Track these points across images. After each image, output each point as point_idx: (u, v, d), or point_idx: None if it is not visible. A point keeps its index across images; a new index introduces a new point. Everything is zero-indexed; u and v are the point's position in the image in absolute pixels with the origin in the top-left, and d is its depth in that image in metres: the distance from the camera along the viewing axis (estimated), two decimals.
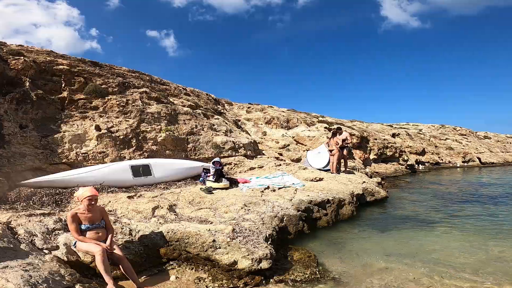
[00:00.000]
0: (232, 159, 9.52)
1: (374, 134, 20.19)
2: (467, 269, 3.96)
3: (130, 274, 3.33)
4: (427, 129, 34.81)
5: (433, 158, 25.68)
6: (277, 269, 3.89)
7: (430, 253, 4.54)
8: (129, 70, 11.29)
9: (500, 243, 4.93)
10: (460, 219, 6.75)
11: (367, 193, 8.59)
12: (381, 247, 4.93)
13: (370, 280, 3.75)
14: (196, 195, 5.93)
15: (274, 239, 4.48)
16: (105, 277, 3.14)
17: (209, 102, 14.10)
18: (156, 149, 8.30)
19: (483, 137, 39.61)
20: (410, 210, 7.91)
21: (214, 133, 10.01)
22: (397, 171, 18.86)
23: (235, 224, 4.53)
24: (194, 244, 3.86)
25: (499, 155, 33.07)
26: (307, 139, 15.54)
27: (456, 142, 31.00)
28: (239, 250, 3.74)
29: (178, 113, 9.84)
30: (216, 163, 7.16)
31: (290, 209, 5.64)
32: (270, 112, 17.70)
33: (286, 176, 8.29)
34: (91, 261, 3.45)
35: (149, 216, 4.70)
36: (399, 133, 25.77)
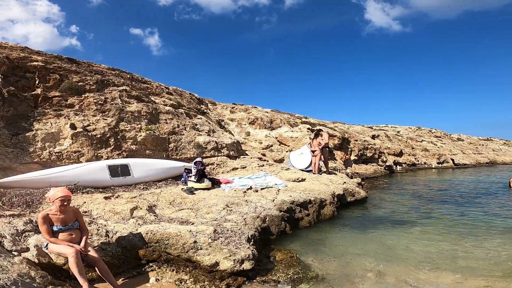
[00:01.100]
0: (215, 159, 9.42)
1: (355, 136, 20.66)
2: (441, 266, 4.10)
3: (107, 276, 3.25)
4: (404, 131, 36.06)
5: (410, 159, 26.63)
6: (260, 270, 3.87)
7: (408, 252, 4.66)
8: (108, 68, 10.93)
9: (471, 242, 5.13)
10: (435, 219, 6.99)
11: (348, 194, 8.75)
12: (362, 247, 5.02)
13: (351, 279, 3.80)
14: (177, 196, 5.80)
15: (257, 239, 4.45)
16: (80, 279, 3.05)
17: (192, 102, 13.90)
18: (136, 149, 8.07)
19: (457, 139, 41.55)
20: (388, 210, 8.12)
21: (196, 133, 9.87)
22: (377, 172, 19.39)
23: (217, 225, 4.46)
24: (175, 245, 3.79)
25: (471, 156, 34.77)
26: (290, 139, 15.65)
27: (431, 144, 32.32)
28: (221, 251, 3.68)
29: (160, 112, 9.62)
30: (198, 163, 7.05)
31: (272, 209, 5.63)
32: (254, 112, 17.69)
33: (269, 176, 8.30)
34: (64, 263, 3.34)
35: (127, 217, 4.55)
36: (379, 135, 26.52)
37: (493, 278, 3.65)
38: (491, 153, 39.54)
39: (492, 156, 38.43)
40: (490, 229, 5.91)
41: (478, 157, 35.78)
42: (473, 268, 3.97)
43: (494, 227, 6.11)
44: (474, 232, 5.68)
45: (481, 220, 6.79)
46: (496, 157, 38.75)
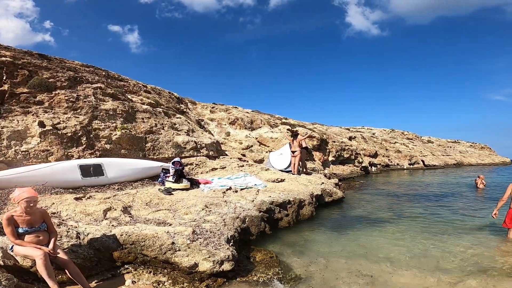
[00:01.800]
0: (194, 159, 9.25)
1: (333, 137, 21.14)
2: (412, 264, 4.23)
3: (78, 279, 3.13)
4: (379, 133, 37.40)
5: (384, 161, 27.64)
6: (240, 271, 3.84)
7: (383, 252, 4.79)
8: (82, 65, 10.47)
9: (441, 241, 5.35)
10: (408, 218, 7.27)
11: (326, 194, 8.91)
12: (340, 246, 5.12)
13: (331, 279, 3.85)
14: (154, 196, 5.63)
15: (236, 240, 4.41)
16: (49, 282, 2.92)
17: (171, 101, 13.60)
18: (110, 148, 7.75)
19: (427, 141, 43.69)
20: (364, 210, 8.36)
21: (175, 133, 9.65)
22: (353, 173, 19.94)
23: (195, 225, 4.36)
24: (152, 247, 3.67)
25: (440, 158, 36.69)
26: (270, 140, 15.72)
27: (403, 146, 33.75)
28: (200, 252, 3.61)
29: (137, 111, 9.32)
30: (176, 163, 6.89)
31: (252, 210, 5.61)
32: (234, 112, 17.61)
33: (249, 177, 8.27)
34: (31, 266, 3.19)
35: (100, 218, 4.35)
36: (355, 136, 27.32)
37: (460, 277, 3.79)
38: (458, 155, 41.96)
39: (459, 158, 40.79)
40: (458, 228, 6.21)
41: (446, 158, 37.82)
42: (443, 268, 4.11)
43: (461, 226, 6.43)
44: (444, 231, 5.93)
45: (450, 219, 7.13)
46: (463, 159, 41.17)
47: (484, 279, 3.70)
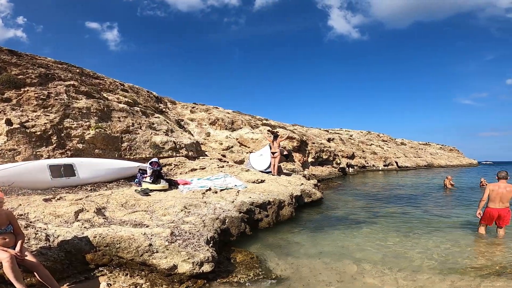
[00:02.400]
0: (173, 159, 9.05)
1: (313, 138, 21.48)
2: (388, 264, 4.32)
3: (48, 281, 3.01)
4: (356, 135, 38.53)
5: (360, 162, 28.47)
6: (220, 272, 3.80)
7: (361, 251, 4.89)
8: (55, 61, 9.96)
9: (413, 240, 5.52)
10: (383, 218, 7.48)
11: (305, 195, 9.01)
12: (319, 246, 5.18)
13: (310, 278, 3.87)
14: (130, 197, 5.43)
15: (216, 241, 4.35)
16: (17, 285, 2.81)
17: (149, 100, 13.24)
18: (83, 148, 7.41)
19: (400, 143, 45.56)
20: (342, 211, 8.53)
21: (153, 132, 9.40)
22: (331, 174, 20.36)
23: (174, 227, 4.25)
24: (128, 249, 3.54)
25: (412, 160, 38.35)
26: (250, 141, 15.70)
27: (379, 148, 34.96)
28: (178, 254, 3.52)
29: (112, 110, 8.98)
30: (154, 164, 6.70)
31: (232, 211, 5.55)
32: (215, 113, 17.44)
33: (229, 177, 8.19)
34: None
35: (71, 220, 4.13)
36: (334, 138, 27.95)
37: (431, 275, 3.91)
38: (429, 157, 44.07)
39: (430, 160, 42.85)
40: (429, 227, 6.44)
41: (418, 160, 39.60)
42: (417, 267, 4.22)
43: (432, 225, 6.68)
44: (417, 231, 6.14)
45: (421, 219, 7.41)
46: (433, 160, 43.29)
47: (457, 278, 3.81)
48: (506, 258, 4.47)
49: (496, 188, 5.38)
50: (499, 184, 5.41)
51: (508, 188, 5.32)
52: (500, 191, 5.34)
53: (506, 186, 5.36)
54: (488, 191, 5.44)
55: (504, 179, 5.41)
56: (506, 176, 5.42)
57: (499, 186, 5.39)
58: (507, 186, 5.36)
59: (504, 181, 5.41)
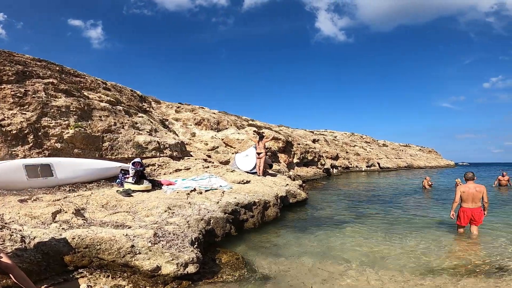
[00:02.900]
0: (156, 160, 8.87)
1: (298, 139, 21.67)
2: (370, 263, 4.40)
3: (25, 283, 2.89)
4: (341, 136, 39.19)
5: (344, 163, 28.98)
6: (206, 273, 3.76)
7: (345, 251, 4.95)
8: (33, 59, 9.57)
9: (395, 240, 5.63)
10: (366, 218, 7.63)
11: (290, 195, 9.06)
12: (304, 246, 5.21)
13: (295, 277, 3.88)
14: (112, 198, 5.27)
15: (201, 242, 4.29)
16: None
17: (133, 99, 12.94)
18: (61, 147, 7.14)
19: (382, 144, 46.74)
20: (326, 211, 8.64)
21: (136, 132, 9.18)
22: (316, 174, 20.61)
23: (157, 228, 4.16)
24: (109, 250, 3.45)
25: (393, 161, 39.41)
26: (236, 141, 15.65)
27: (362, 149, 35.71)
28: (162, 255, 3.45)
29: (93, 109, 8.70)
30: (137, 164, 6.53)
31: (217, 211, 5.50)
32: (200, 113, 17.27)
33: (214, 178, 8.12)
34: None
35: (48, 221, 3.97)
36: (319, 139, 28.30)
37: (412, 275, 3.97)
38: (409, 158, 45.43)
39: (410, 161, 44.17)
40: (409, 227, 6.60)
41: (398, 161, 40.74)
42: (398, 266, 4.29)
43: (412, 225, 6.85)
44: (397, 231, 6.27)
45: (402, 218, 7.59)
46: (413, 162, 44.65)
47: (437, 277, 3.89)
48: (481, 257, 4.61)
49: (467, 189, 5.60)
50: (468, 185, 5.65)
51: (477, 188, 5.57)
52: (471, 192, 5.57)
53: (475, 186, 5.61)
54: (460, 193, 5.66)
55: (472, 180, 5.66)
56: (473, 177, 5.68)
57: (469, 187, 5.62)
58: (476, 186, 5.61)
59: (472, 182, 5.66)
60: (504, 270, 4.02)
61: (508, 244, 5.22)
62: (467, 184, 5.71)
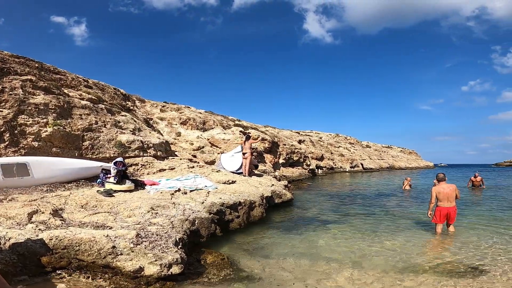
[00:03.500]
0: (140, 159, 8.67)
1: (284, 140, 21.78)
2: (354, 263, 4.43)
3: (0, 284, 2.71)
4: (326, 137, 39.72)
5: (329, 164, 29.39)
6: (190, 274, 3.70)
7: (329, 251, 4.99)
8: (11, 55, 9.13)
9: (377, 239, 5.72)
10: (349, 218, 7.73)
11: (276, 196, 9.08)
12: (289, 247, 5.21)
13: (281, 277, 3.88)
14: (92, 198, 5.09)
15: (185, 243, 4.22)
16: None
17: (116, 97, 12.59)
18: (39, 146, 6.85)
19: (366, 146, 47.76)
20: (311, 211, 8.70)
21: (119, 131, 8.94)
22: (301, 175, 20.79)
23: (140, 228, 4.05)
24: (88, 251, 3.34)
25: (376, 162, 40.36)
26: (222, 141, 15.55)
27: (346, 150, 36.34)
28: (145, 256, 3.36)
29: (74, 107, 8.40)
30: (119, 163, 6.35)
31: (202, 212, 5.43)
32: (186, 112, 17.04)
33: (199, 178, 8.02)
34: None
35: (24, 222, 3.80)
36: (304, 140, 28.56)
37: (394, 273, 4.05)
38: (390, 159, 46.67)
39: (392, 162, 45.39)
40: (391, 227, 6.72)
41: (381, 162, 41.77)
42: (382, 265, 4.35)
43: (394, 224, 6.98)
44: (380, 230, 6.37)
45: (384, 218, 7.74)
46: (394, 163, 45.90)
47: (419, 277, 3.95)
48: (457, 256, 4.74)
49: (441, 190, 5.89)
50: (442, 186, 5.95)
51: (450, 187, 5.89)
52: (445, 192, 5.87)
53: (448, 186, 5.93)
54: (435, 194, 5.95)
55: (443, 181, 5.99)
56: (444, 177, 6.03)
57: (443, 187, 5.92)
58: (449, 186, 5.93)
59: (444, 182, 5.97)
60: (478, 269, 4.14)
61: (481, 242, 5.43)
62: (440, 184, 6.01)
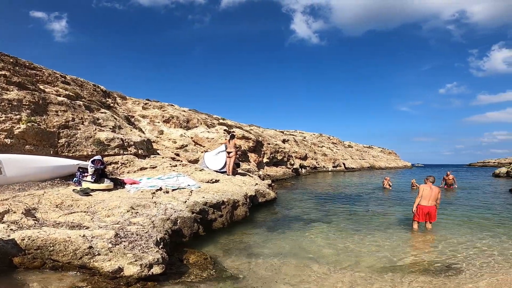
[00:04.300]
0: (120, 157, 8.40)
1: (268, 139, 21.83)
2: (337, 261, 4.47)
3: None
4: (309, 136, 40.19)
5: (312, 163, 29.76)
6: (172, 274, 3.61)
7: (312, 250, 5.02)
8: None
9: (359, 238, 5.80)
10: (332, 217, 7.83)
11: (259, 195, 9.06)
12: (273, 246, 5.20)
13: (265, 276, 3.85)
14: (67, 197, 4.87)
15: (167, 242, 4.11)
16: None
17: (95, 94, 12.17)
18: (11, 143, 6.49)
19: (348, 145, 48.75)
20: (295, 210, 8.75)
21: (98, 128, 8.63)
22: (285, 174, 20.91)
23: (119, 228, 3.91)
24: (63, 252, 3.21)
25: (357, 161, 41.27)
26: (206, 140, 15.37)
27: (329, 150, 36.92)
28: (124, 256, 3.25)
29: (50, 103, 8.03)
30: (97, 162, 6.12)
31: (184, 211, 5.33)
32: (169, 110, 16.71)
33: (181, 177, 7.87)
34: None
35: None
36: (288, 139, 28.75)
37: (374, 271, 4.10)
38: (371, 159, 47.87)
39: (372, 162, 46.57)
40: (372, 225, 6.86)
41: (362, 162, 42.75)
42: (364, 263, 4.41)
43: (375, 223, 7.13)
44: (361, 229, 6.50)
45: (365, 217, 7.89)
46: (375, 163, 47.11)
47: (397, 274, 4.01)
48: (434, 255, 4.89)
49: (428, 189, 6.31)
50: (429, 185, 6.36)
51: (435, 190, 6.34)
52: (430, 191, 6.29)
53: (434, 188, 6.39)
54: (422, 190, 6.34)
55: (432, 183, 6.43)
56: (434, 181, 6.48)
57: (431, 187, 6.34)
58: (435, 188, 6.39)
59: (431, 184, 6.42)
60: (452, 268, 4.26)
61: (455, 240, 5.64)
62: (428, 184, 6.40)
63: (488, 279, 3.91)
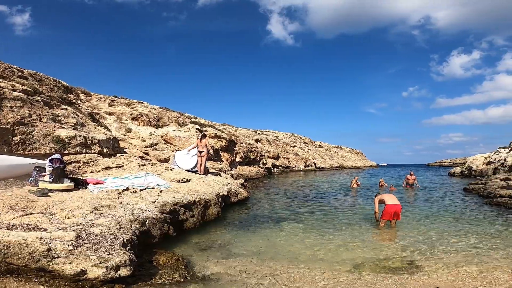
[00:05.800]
0: (82, 156, 7.88)
1: (241, 139, 21.75)
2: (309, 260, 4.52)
3: None
4: (282, 136, 40.68)
5: (284, 163, 30.17)
6: (142, 275, 3.44)
7: (284, 248, 5.06)
8: None
9: (328, 236, 5.91)
10: (303, 215, 7.94)
11: (231, 194, 8.98)
12: (245, 245, 5.16)
13: (238, 276, 3.79)
14: (22, 198, 4.46)
15: (135, 244, 3.90)
16: None
17: (56, 90, 11.30)
18: None
19: (319, 145, 50.09)
20: (267, 209, 8.76)
21: (57, 125, 8.03)
22: (258, 173, 20.97)
23: (81, 230, 3.63)
24: (19, 255, 2.94)
25: (327, 161, 42.54)
26: (177, 139, 14.94)
27: (301, 150, 37.66)
28: (87, 258, 3.02)
29: (4, 98, 7.34)
30: (55, 161, 5.66)
31: (153, 211, 5.12)
32: (138, 108, 16.03)
33: (150, 176, 7.55)
34: None
35: None
36: (261, 139, 28.88)
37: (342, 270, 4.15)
38: (340, 159, 49.59)
39: (341, 161, 48.25)
40: (340, 223, 7.03)
41: (332, 162, 44.14)
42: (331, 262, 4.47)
43: (343, 221, 7.32)
44: (331, 227, 6.63)
45: (334, 215, 8.10)
46: (343, 162, 48.85)
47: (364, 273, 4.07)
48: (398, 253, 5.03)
49: (385, 193, 6.91)
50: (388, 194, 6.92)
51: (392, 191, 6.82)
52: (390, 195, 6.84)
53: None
54: (378, 200, 6.92)
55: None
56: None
57: (389, 194, 6.93)
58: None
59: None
60: (414, 265, 4.42)
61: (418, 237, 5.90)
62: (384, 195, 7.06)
63: (446, 272, 4.10)
